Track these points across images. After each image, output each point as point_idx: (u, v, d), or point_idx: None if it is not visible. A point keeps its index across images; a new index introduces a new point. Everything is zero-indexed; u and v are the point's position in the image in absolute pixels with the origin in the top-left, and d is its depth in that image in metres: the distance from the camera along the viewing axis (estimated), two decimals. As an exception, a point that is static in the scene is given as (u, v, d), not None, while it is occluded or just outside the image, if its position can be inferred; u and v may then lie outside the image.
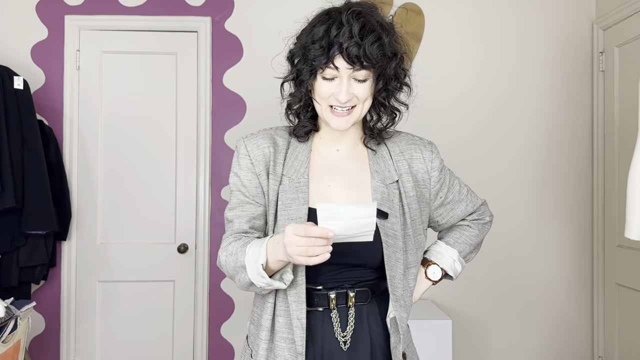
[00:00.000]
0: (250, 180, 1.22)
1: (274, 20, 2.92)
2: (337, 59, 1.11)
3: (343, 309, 1.19)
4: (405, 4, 2.92)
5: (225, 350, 2.91)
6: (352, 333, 1.19)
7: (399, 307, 1.19)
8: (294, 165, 1.22)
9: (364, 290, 1.20)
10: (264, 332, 1.19)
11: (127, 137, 2.92)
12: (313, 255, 1.00)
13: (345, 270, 1.19)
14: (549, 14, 2.99)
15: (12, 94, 2.56)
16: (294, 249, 1.00)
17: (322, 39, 1.11)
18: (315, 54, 1.12)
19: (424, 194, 1.27)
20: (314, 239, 0.99)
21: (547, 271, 2.97)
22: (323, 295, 1.18)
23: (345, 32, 1.09)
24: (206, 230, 2.91)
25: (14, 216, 2.54)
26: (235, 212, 1.22)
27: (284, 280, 1.12)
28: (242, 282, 1.15)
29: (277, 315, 1.18)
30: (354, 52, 1.09)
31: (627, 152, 2.64)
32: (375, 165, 1.25)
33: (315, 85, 1.17)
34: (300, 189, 1.19)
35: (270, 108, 2.85)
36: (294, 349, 1.15)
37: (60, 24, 2.89)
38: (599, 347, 2.91)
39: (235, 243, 1.17)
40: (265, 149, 1.22)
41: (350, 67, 1.11)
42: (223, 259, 1.19)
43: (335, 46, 1.10)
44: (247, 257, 1.12)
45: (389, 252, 1.18)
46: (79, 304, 2.89)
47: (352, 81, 1.14)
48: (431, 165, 1.28)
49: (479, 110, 2.97)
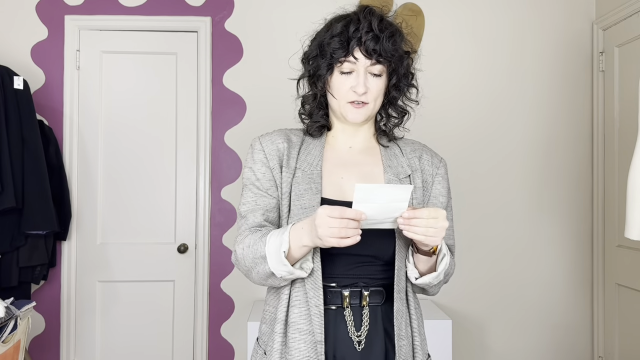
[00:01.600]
0: (264, 174, 1.24)
1: (274, 20, 2.93)
2: (356, 51, 1.18)
3: (357, 308, 1.19)
4: (405, 4, 2.92)
5: (225, 350, 2.91)
6: (367, 334, 1.19)
7: (399, 300, 1.20)
8: (307, 159, 1.25)
9: (378, 290, 1.21)
10: (279, 325, 1.18)
11: (127, 137, 2.92)
12: (345, 237, 1.02)
13: (359, 265, 1.20)
14: (549, 14, 2.99)
15: (12, 94, 2.56)
16: (325, 230, 1.02)
17: (342, 34, 1.18)
18: (334, 47, 1.19)
19: (424, 195, 1.29)
20: (347, 220, 1.01)
21: (547, 271, 2.98)
22: (337, 292, 1.19)
23: (364, 26, 1.17)
24: (206, 230, 2.91)
25: (14, 216, 2.54)
26: (249, 206, 1.24)
27: (304, 269, 1.14)
28: (260, 274, 1.15)
29: (291, 307, 1.18)
30: (372, 46, 1.16)
31: (627, 152, 2.64)
32: (388, 161, 1.28)
33: (331, 81, 1.22)
34: (314, 180, 1.22)
35: (270, 108, 2.88)
36: (310, 339, 1.15)
37: (60, 24, 2.89)
38: (599, 347, 2.91)
39: (253, 235, 1.18)
40: (279, 144, 1.26)
41: (369, 59, 1.18)
42: (240, 252, 1.19)
43: (354, 40, 1.17)
44: (268, 246, 1.12)
45: (400, 244, 1.20)
46: (79, 304, 2.89)
47: (368, 75, 1.20)
48: (436, 171, 1.31)
49: (478, 110, 2.97)
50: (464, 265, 2.91)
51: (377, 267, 1.21)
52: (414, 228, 1.05)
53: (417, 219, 1.05)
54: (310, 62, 1.26)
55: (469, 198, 2.93)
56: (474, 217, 2.94)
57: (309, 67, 1.26)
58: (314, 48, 1.25)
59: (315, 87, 1.26)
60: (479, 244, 2.94)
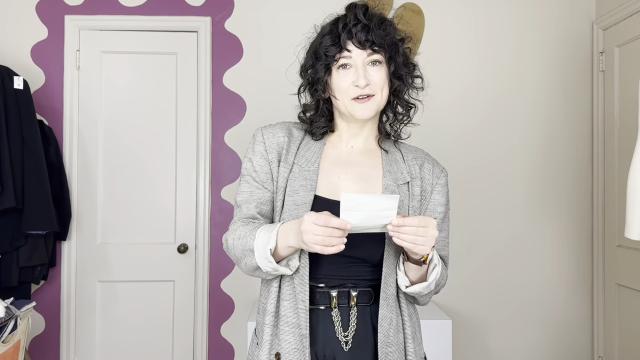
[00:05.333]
0: (261, 166, 1.25)
1: (274, 20, 2.93)
2: (348, 43, 1.18)
3: (345, 308, 1.20)
4: (405, 4, 2.92)
5: (225, 350, 2.91)
6: (354, 334, 1.19)
7: (386, 306, 1.19)
8: (306, 155, 1.26)
9: (366, 290, 1.21)
10: (269, 316, 1.20)
11: (127, 137, 2.92)
12: (329, 245, 1.02)
13: (347, 266, 1.20)
14: (548, 14, 2.99)
15: (12, 94, 2.56)
16: (310, 237, 1.02)
17: (332, 32, 1.20)
18: (326, 45, 1.19)
19: (422, 204, 1.28)
20: (331, 229, 1.02)
21: (547, 271, 2.98)
22: (325, 293, 1.19)
23: (351, 19, 1.18)
24: (206, 230, 2.91)
25: (14, 216, 2.54)
26: (244, 196, 1.25)
27: (289, 267, 1.15)
28: (248, 265, 1.18)
29: (282, 300, 1.20)
30: (364, 36, 1.17)
31: (627, 152, 2.64)
32: (388, 166, 1.27)
33: (332, 81, 1.22)
34: (309, 177, 1.22)
35: (270, 108, 2.87)
36: (298, 332, 1.17)
37: (60, 24, 2.89)
38: (599, 347, 2.91)
39: (244, 227, 1.19)
40: (280, 137, 1.27)
41: (362, 49, 1.18)
42: (230, 242, 1.21)
43: (344, 33, 1.18)
44: (257, 241, 1.14)
45: (389, 250, 1.20)
46: (79, 304, 2.89)
47: (367, 67, 1.19)
48: (437, 181, 1.30)
49: (478, 110, 2.97)
50: (464, 266, 2.91)
51: (366, 269, 1.21)
52: (402, 235, 1.05)
53: (406, 226, 1.04)
54: (307, 70, 1.25)
55: (468, 198, 2.93)
56: (474, 217, 2.94)
57: (307, 76, 1.25)
58: (309, 57, 1.25)
59: (316, 93, 1.25)
60: (479, 244, 2.94)
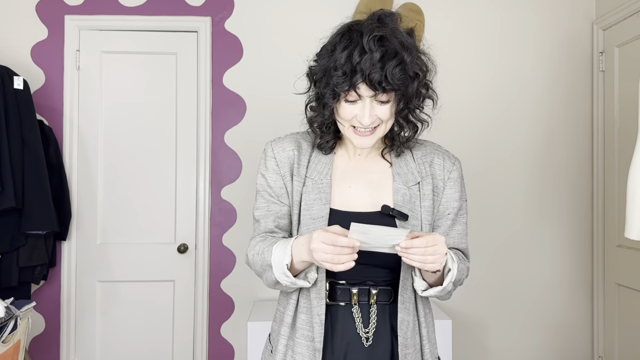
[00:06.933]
0: (275, 181, 1.27)
1: (274, 20, 2.93)
2: (360, 86, 1.11)
3: (365, 305, 1.21)
4: (405, 4, 2.92)
5: (225, 350, 2.91)
6: (375, 331, 1.21)
7: (404, 310, 1.21)
8: (317, 168, 1.26)
9: (386, 289, 1.22)
10: (285, 327, 1.23)
11: (127, 137, 2.92)
12: (339, 263, 1.04)
13: (366, 268, 1.20)
14: (549, 14, 2.99)
15: (12, 94, 2.56)
16: (320, 255, 1.04)
17: (345, 65, 1.11)
18: (338, 80, 1.12)
19: (435, 201, 1.27)
20: (340, 247, 1.03)
21: (547, 271, 2.98)
22: (345, 289, 1.21)
23: (367, 60, 1.09)
24: (206, 230, 2.91)
25: (14, 216, 2.54)
26: (261, 212, 1.28)
27: (307, 279, 1.17)
28: (269, 280, 1.20)
29: (299, 312, 1.22)
30: (377, 79, 1.09)
31: (627, 152, 2.64)
32: (398, 168, 1.27)
33: (338, 107, 1.18)
34: (323, 190, 1.23)
35: (270, 108, 2.87)
36: (312, 346, 1.19)
37: (60, 24, 2.89)
38: (599, 347, 2.91)
39: (262, 243, 1.22)
40: (290, 151, 1.27)
41: (373, 93, 1.12)
42: (251, 257, 1.24)
43: (358, 74, 1.10)
44: (273, 256, 1.16)
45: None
46: (79, 304, 2.89)
47: (375, 103, 1.15)
48: (449, 175, 1.28)
49: (478, 110, 2.97)
50: (464, 265, 2.91)
51: (385, 271, 1.23)
52: (411, 256, 1.05)
53: (415, 248, 1.04)
54: (315, 83, 1.22)
55: (468, 198, 2.93)
56: (474, 217, 2.94)
57: (315, 89, 1.23)
58: (318, 71, 1.19)
59: (322, 109, 1.21)
60: (479, 244, 2.94)
